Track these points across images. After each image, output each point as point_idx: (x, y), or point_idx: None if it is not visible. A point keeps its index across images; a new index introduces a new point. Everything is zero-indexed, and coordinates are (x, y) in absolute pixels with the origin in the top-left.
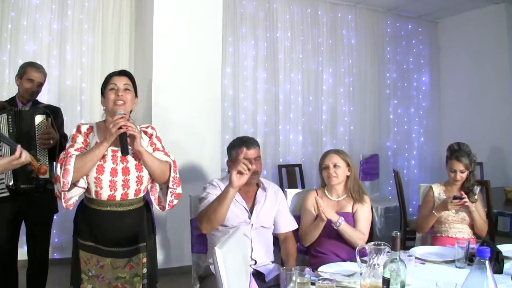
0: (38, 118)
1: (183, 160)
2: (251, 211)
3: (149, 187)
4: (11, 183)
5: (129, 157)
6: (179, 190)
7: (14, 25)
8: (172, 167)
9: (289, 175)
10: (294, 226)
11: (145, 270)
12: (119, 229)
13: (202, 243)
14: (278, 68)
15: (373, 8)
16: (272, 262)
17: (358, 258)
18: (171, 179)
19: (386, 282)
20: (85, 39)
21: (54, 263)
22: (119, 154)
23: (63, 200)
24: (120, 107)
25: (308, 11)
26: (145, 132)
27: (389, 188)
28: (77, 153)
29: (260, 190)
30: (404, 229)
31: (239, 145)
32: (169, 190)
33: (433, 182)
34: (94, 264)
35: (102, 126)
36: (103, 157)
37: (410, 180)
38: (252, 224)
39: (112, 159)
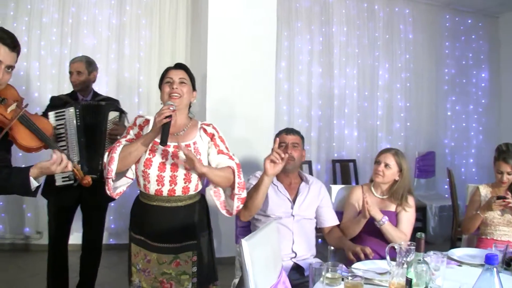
0: (112, 114)
1: (236, 152)
2: (293, 202)
3: (211, 192)
4: None
5: (181, 154)
6: (244, 194)
7: (75, 20)
8: (236, 173)
9: (343, 170)
10: (336, 222)
11: (195, 269)
12: (166, 225)
13: (245, 235)
14: (333, 62)
15: (431, 2)
16: (314, 256)
17: (388, 257)
18: (236, 184)
19: (409, 282)
20: (142, 34)
21: (109, 248)
22: (170, 149)
23: (106, 188)
24: (175, 100)
25: (364, 5)
26: (205, 130)
27: (445, 187)
28: (126, 143)
29: (303, 183)
30: (455, 229)
31: (280, 132)
32: (236, 196)
33: (491, 182)
34: (142, 258)
35: None
36: (152, 151)
37: (467, 178)
38: (294, 216)
39: (162, 154)
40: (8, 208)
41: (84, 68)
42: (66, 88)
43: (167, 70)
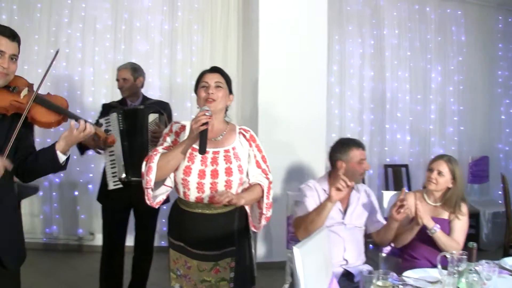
0: (151, 117)
1: (288, 157)
2: (345, 211)
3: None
4: (123, 175)
5: (220, 160)
6: (269, 213)
7: (128, 26)
8: (265, 193)
9: (395, 175)
10: (384, 222)
11: (232, 274)
12: (206, 232)
13: (297, 241)
14: (385, 66)
15: (483, 3)
16: (364, 263)
17: (439, 266)
18: (264, 205)
19: None
20: (194, 39)
21: (160, 250)
22: (209, 155)
23: (146, 197)
24: (211, 104)
25: (415, 7)
26: (244, 136)
27: (500, 193)
28: (164, 151)
29: (354, 191)
30: (508, 236)
31: (353, 145)
32: (263, 216)
33: None
34: (182, 264)
35: None
36: (191, 158)
37: None
38: (345, 224)
39: (201, 161)
40: (63, 210)
41: (130, 75)
42: (119, 93)
43: (203, 73)
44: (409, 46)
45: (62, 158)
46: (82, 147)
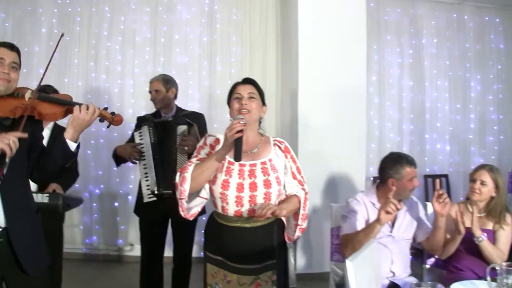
0: (180, 128)
1: (328, 168)
2: (392, 224)
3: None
4: (155, 188)
5: (258, 172)
6: (305, 225)
7: (167, 39)
8: (302, 204)
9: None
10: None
11: None
12: (246, 246)
13: (341, 252)
14: (424, 75)
15: None
16: (410, 275)
17: (488, 278)
18: (301, 216)
19: None
20: (233, 51)
21: (199, 261)
22: (246, 168)
23: (180, 209)
24: (245, 115)
25: (453, 16)
26: (279, 147)
27: None
28: (198, 162)
29: (401, 203)
30: None
31: (406, 163)
32: (298, 226)
33: None
34: (221, 278)
35: None
36: (228, 172)
37: None
38: (393, 237)
39: (238, 174)
40: (103, 221)
41: (162, 86)
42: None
43: (235, 85)
44: (448, 55)
45: (73, 145)
46: (118, 159)
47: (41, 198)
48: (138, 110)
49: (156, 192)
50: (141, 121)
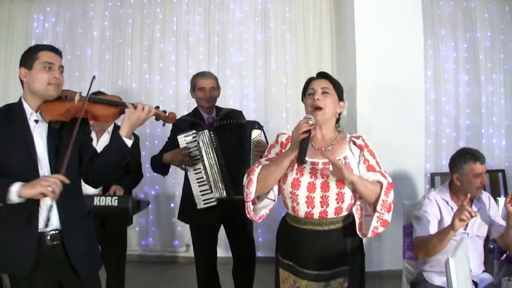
0: (255, 133)
1: (386, 165)
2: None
3: (354, 208)
4: (224, 194)
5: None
6: (387, 216)
7: (221, 39)
8: (384, 189)
9: (492, 181)
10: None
11: None
12: (317, 250)
13: (414, 254)
14: (480, 69)
15: None
16: (484, 271)
17: None
18: (380, 201)
19: None
20: (288, 49)
21: (257, 261)
22: (319, 167)
23: (246, 211)
24: (318, 112)
25: (507, 9)
26: (354, 143)
27: None
28: (266, 163)
29: (474, 200)
30: None
31: (470, 158)
32: (376, 214)
33: None
34: (291, 285)
35: None
36: (300, 170)
37: None
38: (468, 234)
39: (310, 173)
40: (159, 222)
41: (216, 84)
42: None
43: (309, 80)
44: (502, 48)
45: (129, 142)
46: (166, 166)
47: (110, 201)
48: None
49: (225, 199)
50: (181, 124)
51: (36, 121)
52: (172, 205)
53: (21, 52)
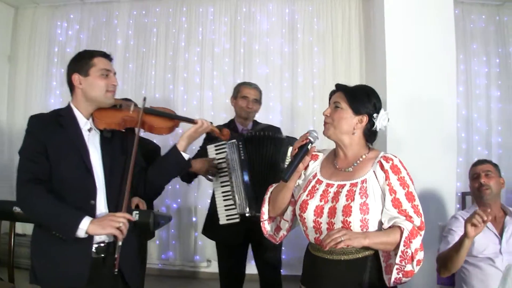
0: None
1: (416, 184)
2: (500, 237)
3: None
4: (247, 210)
5: (342, 196)
6: (410, 267)
7: (247, 50)
8: (404, 238)
9: None
10: None
11: None
12: (329, 282)
13: (448, 280)
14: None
15: None
16: None
17: None
18: (399, 253)
19: None
20: (315, 62)
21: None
22: (332, 190)
23: (263, 231)
24: (325, 127)
25: None
26: (382, 166)
27: None
28: None
29: (507, 217)
30: None
31: (473, 164)
32: (395, 266)
33: None
34: None
35: (331, 154)
36: (312, 191)
37: None
38: (502, 254)
39: (321, 195)
40: (180, 236)
41: (260, 97)
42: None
43: (331, 94)
44: None
45: (186, 156)
46: (190, 175)
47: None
48: (218, 122)
49: (248, 215)
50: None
51: (89, 130)
52: (194, 219)
53: (44, 59)
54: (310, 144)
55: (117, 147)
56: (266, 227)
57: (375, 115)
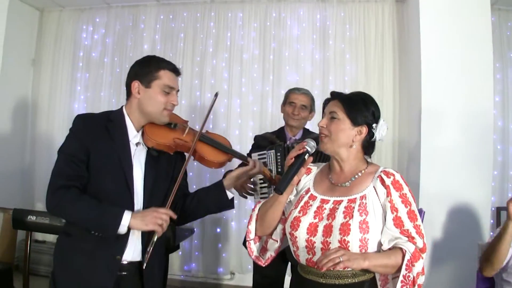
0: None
1: (450, 197)
2: None
3: None
4: None
5: (339, 212)
6: None
7: (276, 56)
8: (406, 261)
9: None
10: None
11: None
12: None
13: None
14: None
15: None
16: None
17: None
18: (401, 278)
19: None
20: (347, 69)
21: None
22: (328, 206)
23: (248, 251)
24: (322, 141)
25: None
26: (383, 181)
27: None
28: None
29: None
30: None
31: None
32: None
33: None
34: None
35: (325, 168)
36: (305, 208)
37: None
38: None
39: (315, 212)
40: (204, 247)
41: (310, 104)
42: (268, 126)
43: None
44: None
45: (230, 195)
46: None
47: None
48: (245, 131)
49: None
50: (260, 141)
51: (137, 144)
52: (218, 230)
53: (69, 63)
54: (307, 154)
55: (162, 169)
56: (252, 247)
57: (374, 125)
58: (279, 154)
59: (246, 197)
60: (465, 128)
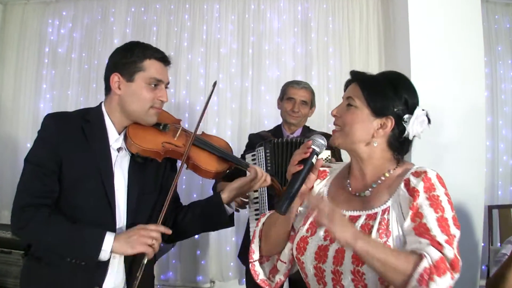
0: (324, 154)
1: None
2: None
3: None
4: None
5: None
6: None
7: (256, 50)
8: (423, 269)
9: None
10: None
11: None
12: None
13: None
14: None
15: None
16: None
17: None
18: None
19: None
20: (331, 63)
21: None
22: None
23: (252, 273)
24: (334, 135)
25: None
26: (407, 184)
27: None
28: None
29: None
30: None
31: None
32: None
33: None
34: None
35: (345, 170)
36: (312, 226)
37: None
38: None
39: (325, 232)
40: (182, 255)
41: (310, 99)
42: (248, 124)
43: (346, 83)
44: None
45: (229, 211)
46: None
47: None
48: (224, 130)
49: None
50: (253, 140)
51: (119, 149)
52: (196, 236)
53: (34, 60)
54: (315, 156)
55: (149, 178)
56: (257, 269)
57: (406, 116)
58: (268, 151)
59: (238, 211)
60: (457, 125)
